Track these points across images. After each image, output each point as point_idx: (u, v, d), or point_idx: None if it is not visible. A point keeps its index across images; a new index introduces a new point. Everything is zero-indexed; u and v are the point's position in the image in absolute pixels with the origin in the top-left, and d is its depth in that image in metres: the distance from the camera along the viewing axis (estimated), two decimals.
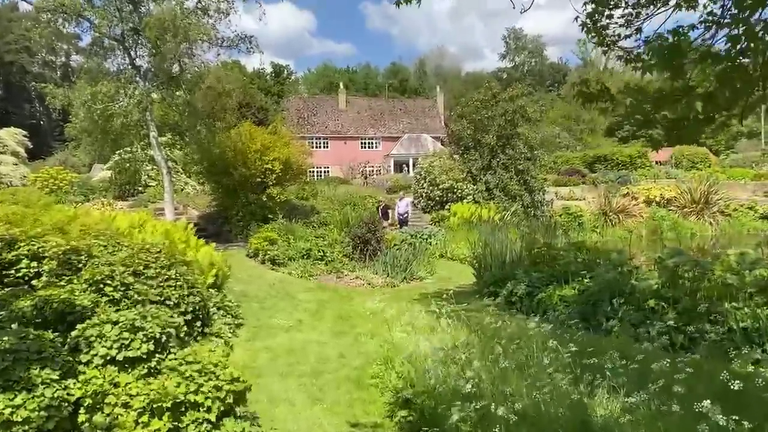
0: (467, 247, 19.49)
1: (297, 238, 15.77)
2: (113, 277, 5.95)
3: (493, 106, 27.68)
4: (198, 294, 6.91)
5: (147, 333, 5.00)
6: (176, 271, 6.79)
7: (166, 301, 6.29)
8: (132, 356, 4.82)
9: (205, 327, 6.79)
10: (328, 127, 54.52)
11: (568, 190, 32.33)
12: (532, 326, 6.54)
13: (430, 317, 9.92)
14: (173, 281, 6.60)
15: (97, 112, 15.56)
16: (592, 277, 9.87)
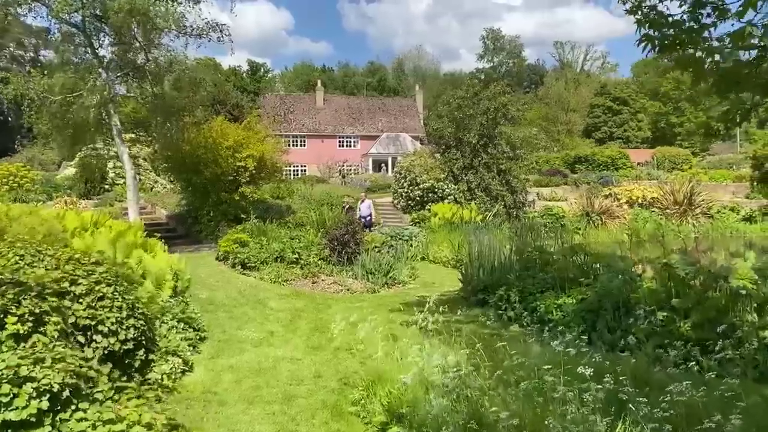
0: (450, 249, 18.72)
1: (270, 240, 14.77)
2: (20, 302, 4.68)
3: (475, 104, 26.92)
4: (141, 316, 5.84)
5: (40, 385, 3.86)
6: (115, 288, 5.70)
7: (98, 327, 5.21)
8: (14, 419, 3.68)
9: (150, 354, 5.70)
10: (306, 125, 53.43)
11: (550, 191, 31.78)
12: (530, 340, 5.70)
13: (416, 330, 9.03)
14: (109, 301, 5.51)
15: (54, 104, 14.37)
16: (589, 285, 9.08)
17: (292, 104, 55.21)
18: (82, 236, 8.31)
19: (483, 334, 8.20)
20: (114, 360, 5.11)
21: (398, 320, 10.08)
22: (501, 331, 8.69)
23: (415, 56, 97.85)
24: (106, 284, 5.57)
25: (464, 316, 10.12)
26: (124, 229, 10.25)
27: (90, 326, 5.14)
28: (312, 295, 12.33)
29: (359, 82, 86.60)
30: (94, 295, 5.32)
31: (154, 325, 6.13)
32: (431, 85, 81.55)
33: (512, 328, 9.11)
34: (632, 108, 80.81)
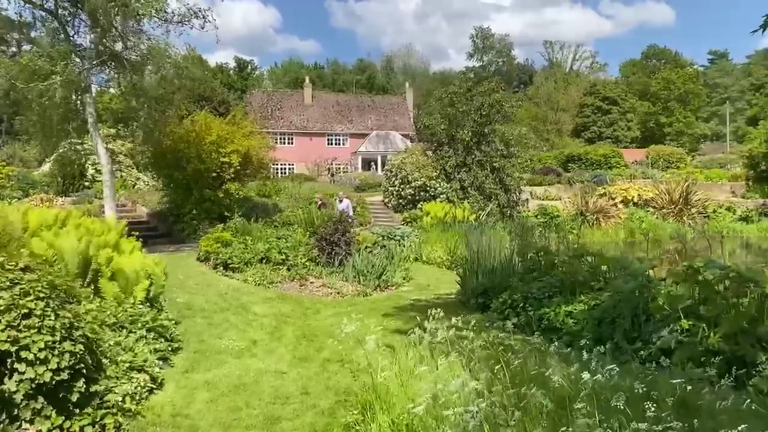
0: (444, 249, 17.97)
1: (255, 240, 13.92)
2: None
3: (468, 100, 26.18)
4: (81, 338, 4.87)
5: None
6: (47, 303, 4.71)
7: (22, 353, 4.24)
8: None
9: (92, 385, 4.75)
10: (293, 122, 52.48)
11: (544, 190, 31.13)
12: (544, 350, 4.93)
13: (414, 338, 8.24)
14: (38, 319, 4.49)
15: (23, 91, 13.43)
16: (601, 289, 8.34)
17: (279, 101, 54.22)
18: (41, 235, 7.43)
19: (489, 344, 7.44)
20: (45, 393, 4.20)
21: (392, 326, 9.30)
22: (507, 341, 7.92)
23: (404, 54, 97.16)
24: (35, 298, 4.57)
25: (464, 323, 9.34)
26: (95, 226, 9.37)
27: (11, 352, 4.19)
28: (299, 298, 11.50)
29: (348, 80, 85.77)
30: (17, 311, 4.33)
31: (101, 346, 5.11)
32: (421, 83, 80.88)
33: (518, 336, 8.37)
34: (622, 108, 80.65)
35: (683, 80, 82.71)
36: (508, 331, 8.67)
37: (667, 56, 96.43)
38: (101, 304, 6.83)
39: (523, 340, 8.10)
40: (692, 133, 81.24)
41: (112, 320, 6.50)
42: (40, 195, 22.45)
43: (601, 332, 7.56)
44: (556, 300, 8.52)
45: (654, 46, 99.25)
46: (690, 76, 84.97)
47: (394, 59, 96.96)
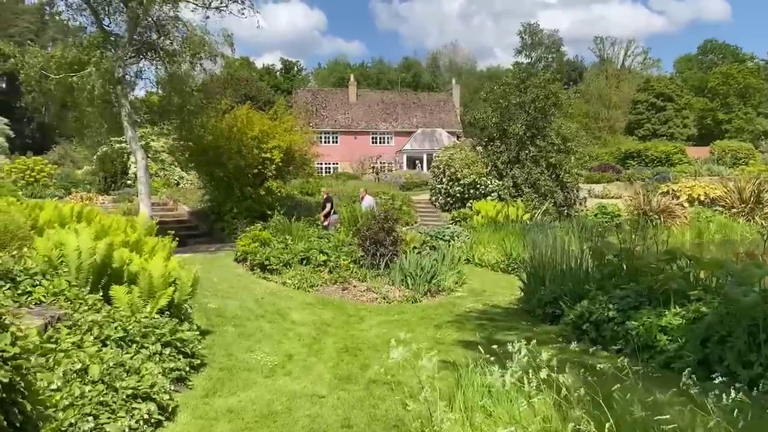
0: (498, 251, 16.63)
1: (295, 239, 12.91)
2: None
3: (521, 92, 24.68)
4: (7, 370, 3.65)
5: None
6: None
7: None
8: None
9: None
10: (338, 120, 51.69)
11: (602, 188, 29.32)
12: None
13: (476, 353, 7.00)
14: None
15: (54, 82, 12.76)
16: (702, 300, 6.93)
17: (324, 99, 53.52)
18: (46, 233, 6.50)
19: (573, 365, 6.16)
20: None
21: (449, 340, 8.08)
22: (591, 360, 6.62)
23: (450, 52, 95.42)
24: None
25: (533, 336, 8.06)
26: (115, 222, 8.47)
27: None
28: (342, 304, 10.39)
29: (393, 79, 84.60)
30: None
31: (34, 383, 3.74)
32: (467, 81, 79.19)
33: (603, 354, 7.04)
34: (677, 104, 77.09)
35: (743, 75, 78.64)
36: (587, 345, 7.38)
37: (725, 51, 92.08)
38: (110, 314, 5.84)
39: (609, 359, 6.77)
40: (753, 129, 77.14)
41: (119, 334, 5.48)
42: (81, 193, 22.08)
43: (705, 353, 6.18)
44: (645, 312, 7.14)
45: (711, 41, 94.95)
46: (751, 70, 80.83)
47: (440, 57, 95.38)
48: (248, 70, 77.18)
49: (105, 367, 4.74)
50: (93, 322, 5.49)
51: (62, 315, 5.41)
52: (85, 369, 4.61)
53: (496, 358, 6.98)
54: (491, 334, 8.22)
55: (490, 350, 7.44)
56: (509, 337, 8.20)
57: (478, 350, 7.49)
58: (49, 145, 51.25)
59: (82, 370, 4.56)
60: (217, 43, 14.26)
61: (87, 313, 5.68)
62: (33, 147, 44.15)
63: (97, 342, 5.26)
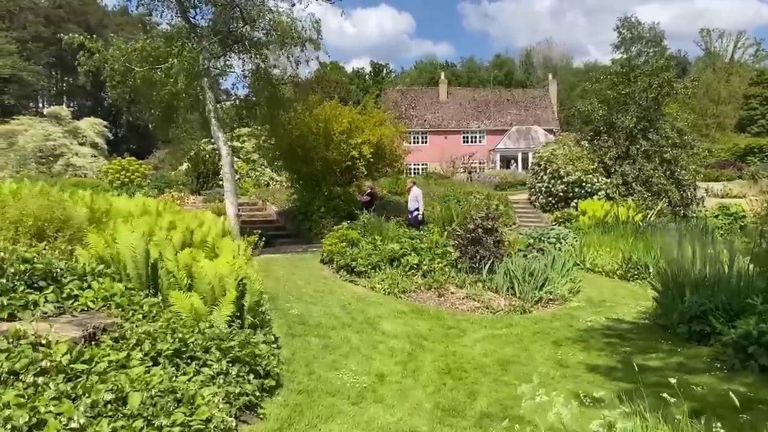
0: (611, 254, 14.78)
1: (385, 239, 11.76)
2: None
3: (631, 81, 22.45)
4: None
5: None
6: None
7: None
8: None
9: None
10: (428, 120, 50.41)
11: (722, 186, 26.39)
12: None
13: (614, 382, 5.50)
14: None
15: (138, 75, 12.31)
16: None
17: (414, 99, 52.39)
18: (101, 228, 5.64)
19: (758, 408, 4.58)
20: None
21: (574, 361, 6.60)
22: None
23: (544, 48, 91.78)
24: None
25: (683, 362, 6.43)
26: (195, 221, 7.61)
27: None
28: (438, 313, 9.10)
29: (484, 77, 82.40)
30: None
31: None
32: (563, 77, 75.63)
33: None
34: None
35: None
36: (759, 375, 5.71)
37: None
38: (168, 324, 4.85)
39: None
40: None
41: (175, 348, 4.46)
42: (173, 193, 22.06)
43: None
44: None
45: None
46: None
47: (534, 54, 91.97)
48: (338, 73, 77.57)
49: (149, 395, 3.70)
50: (145, 334, 4.51)
51: (109, 324, 4.47)
52: (123, 398, 3.58)
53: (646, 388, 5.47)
54: (627, 357, 6.67)
55: (631, 377, 5.94)
56: (652, 360, 6.60)
57: (615, 377, 6.01)
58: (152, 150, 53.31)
59: (118, 399, 3.53)
60: (305, 29, 13.39)
61: (140, 323, 4.71)
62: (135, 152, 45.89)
63: (146, 359, 4.27)
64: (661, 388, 5.52)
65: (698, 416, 4.65)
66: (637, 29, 76.34)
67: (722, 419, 4.49)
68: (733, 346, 6.26)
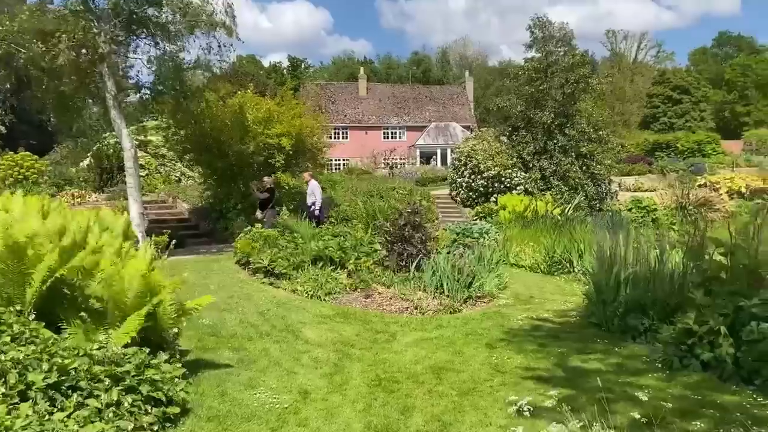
0: (534, 249, 14.75)
1: (307, 238, 11.06)
2: None
3: (548, 77, 22.75)
4: None
5: None
6: None
7: None
8: None
9: None
10: (348, 115, 49.82)
11: (634, 180, 27.36)
12: None
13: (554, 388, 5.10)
14: None
15: (24, 57, 10.91)
16: None
17: (333, 94, 51.62)
18: None
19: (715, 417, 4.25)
20: None
21: (510, 365, 6.19)
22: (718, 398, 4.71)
23: (460, 47, 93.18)
24: None
25: (622, 361, 6.15)
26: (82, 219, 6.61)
27: None
28: (366, 316, 8.50)
29: (402, 74, 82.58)
30: None
31: None
32: (479, 75, 77.01)
33: (727, 389, 5.13)
34: (693, 97, 74.92)
35: (763, 66, 76.36)
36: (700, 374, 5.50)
37: (741, 43, 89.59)
38: (46, 348, 3.98)
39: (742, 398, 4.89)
40: None
41: (52, 379, 3.63)
42: (72, 191, 20.33)
43: None
44: None
45: (726, 33, 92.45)
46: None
47: (450, 52, 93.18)
48: (255, 67, 75.48)
49: None
50: (12, 362, 3.64)
51: None
52: None
53: (589, 394, 5.11)
54: (565, 359, 6.33)
55: (572, 382, 5.58)
56: (591, 362, 6.26)
57: (556, 383, 5.62)
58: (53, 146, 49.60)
59: None
60: (217, 13, 12.39)
61: (6, 347, 3.83)
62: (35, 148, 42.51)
63: (11, 395, 3.41)
64: (605, 393, 5.19)
65: (648, 425, 4.31)
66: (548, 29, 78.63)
67: (672, 425, 4.17)
68: (673, 343, 6.03)
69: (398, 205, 14.18)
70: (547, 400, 5.02)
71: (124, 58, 12.64)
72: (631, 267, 7.89)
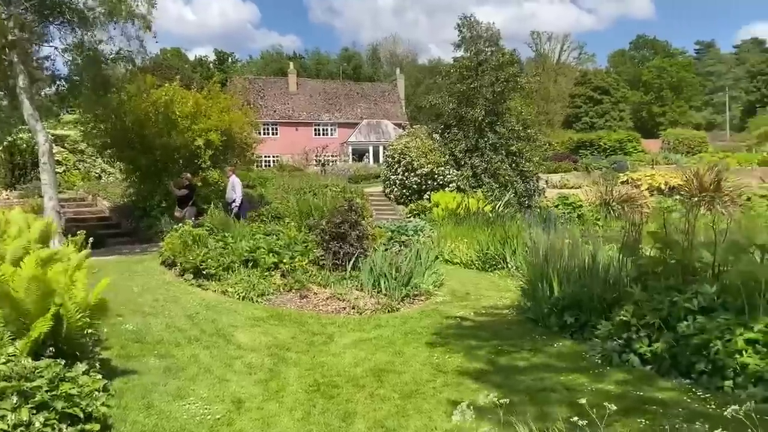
0: (467, 245, 14.83)
1: (237, 237, 10.61)
2: None
3: (479, 75, 23.01)
4: None
5: None
6: None
7: None
8: None
9: None
10: (277, 111, 48.92)
11: (560, 177, 28.12)
12: None
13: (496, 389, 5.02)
14: None
15: None
16: None
17: (262, 88, 50.51)
18: None
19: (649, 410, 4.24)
20: None
21: (451, 365, 6.05)
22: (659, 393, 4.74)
23: (390, 44, 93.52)
24: None
25: (559, 358, 6.13)
26: None
27: None
28: (301, 317, 8.20)
29: (333, 70, 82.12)
30: None
31: None
32: (409, 73, 77.54)
33: (666, 385, 5.18)
34: (613, 97, 78.31)
35: (677, 69, 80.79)
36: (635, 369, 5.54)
37: (656, 46, 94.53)
38: None
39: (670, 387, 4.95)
40: (686, 122, 79.26)
41: None
42: None
43: None
44: (720, 322, 5.29)
45: (643, 36, 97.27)
46: (683, 64, 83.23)
47: (380, 49, 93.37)
48: (179, 60, 72.96)
49: None
50: None
51: None
52: None
53: (532, 395, 5.03)
54: (504, 357, 6.27)
55: (515, 382, 5.50)
56: (531, 360, 6.19)
57: (498, 383, 5.52)
58: None
59: None
60: (138, 2, 11.69)
61: None
62: None
63: None
64: (548, 392, 5.13)
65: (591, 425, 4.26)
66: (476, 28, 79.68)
67: (616, 423, 4.12)
68: (611, 338, 6.07)
69: (334, 202, 13.92)
70: (490, 401, 4.93)
71: (37, 47, 11.75)
72: (565, 263, 7.96)
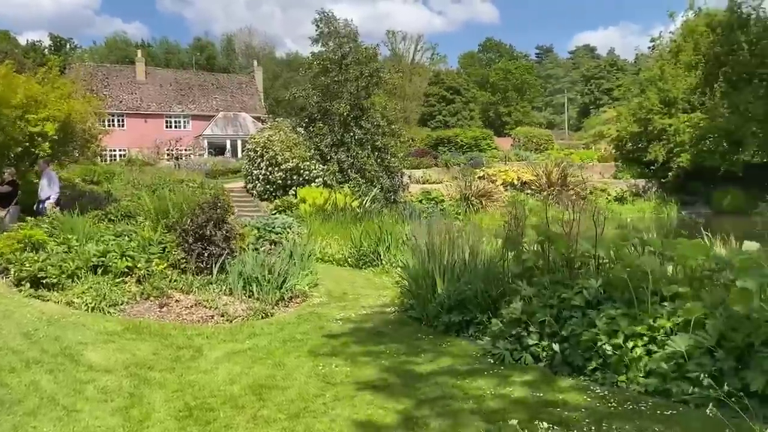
0: (339, 242, 14.50)
1: (83, 239, 9.31)
2: None
3: (343, 68, 22.70)
4: None
5: None
6: None
7: None
8: None
9: None
10: (124, 101, 45.38)
11: (422, 173, 28.70)
12: None
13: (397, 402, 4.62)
14: None
15: None
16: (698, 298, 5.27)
17: (106, 77, 46.55)
18: None
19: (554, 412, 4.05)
20: None
21: (339, 376, 5.59)
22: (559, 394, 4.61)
23: (246, 35, 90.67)
24: None
25: (454, 361, 5.87)
26: None
27: None
28: (163, 329, 7.26)
29: (185, 59, 77.95)
30: None
31: None
32: (266, 66, 75.72)
33: (564, 383, 5.09)
34: (464, 97, 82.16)
35: (520, 71, 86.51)
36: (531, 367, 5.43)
37: (501, 49, 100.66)
38: None
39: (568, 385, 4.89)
40: (529, 122, 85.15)
41: None
42: None
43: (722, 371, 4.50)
44: (610, 314, 5.29)
45: (490, 39, 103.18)
46: (526, 67, 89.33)
47: (235, 40, 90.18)
48: (7, 43, 65.32)
49: None
50: None
51: None
52: None
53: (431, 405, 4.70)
54: (396, 363, 5.90)
55: (409, 390, 5.14)
56: (422, 365, 5.85)
57: (393, 393, 5.12)
58: None
59: None
60: None
61: None
62: None
63: None
64: (447, 399, 4.84)
65: None
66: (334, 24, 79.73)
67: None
68: (501, 336, 5.92)
69: (194, 199, 12.81)
70: (388, 415, 4.54)
71: None
72: (447, 258, 7.79)
